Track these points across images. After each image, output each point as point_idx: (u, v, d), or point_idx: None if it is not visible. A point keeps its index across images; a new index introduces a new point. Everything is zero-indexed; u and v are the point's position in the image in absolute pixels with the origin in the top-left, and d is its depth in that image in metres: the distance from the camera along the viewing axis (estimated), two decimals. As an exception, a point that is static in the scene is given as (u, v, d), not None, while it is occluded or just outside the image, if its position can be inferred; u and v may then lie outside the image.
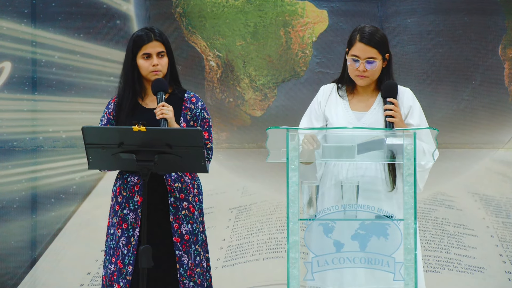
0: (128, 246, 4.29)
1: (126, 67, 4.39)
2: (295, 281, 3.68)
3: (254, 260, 6.21)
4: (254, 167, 6.24)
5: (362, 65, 4.14)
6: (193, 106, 4.39)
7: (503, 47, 6.31)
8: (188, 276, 4.28)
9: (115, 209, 4.38)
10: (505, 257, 6.21)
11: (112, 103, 4.43)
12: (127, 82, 4.37)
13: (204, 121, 4.39)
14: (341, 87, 4.27)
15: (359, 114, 4.21)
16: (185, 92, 4.42)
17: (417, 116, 4.21)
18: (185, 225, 4.31)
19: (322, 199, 4.09)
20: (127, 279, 4.26)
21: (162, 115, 4.19)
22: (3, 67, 6.31)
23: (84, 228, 6.28)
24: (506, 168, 6.31)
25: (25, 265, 6.25)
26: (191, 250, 4.30)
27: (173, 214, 4.30)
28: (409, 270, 3.68)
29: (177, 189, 4.31)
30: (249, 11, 6.30)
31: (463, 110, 6.31)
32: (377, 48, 4.15)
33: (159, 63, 4.33)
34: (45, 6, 6.30)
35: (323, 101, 4.25)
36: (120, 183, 4.38)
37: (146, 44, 4.33)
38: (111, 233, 4.38)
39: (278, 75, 6.31)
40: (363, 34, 4.16)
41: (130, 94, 4.36)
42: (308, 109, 4.31)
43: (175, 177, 4.32)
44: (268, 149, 3.83)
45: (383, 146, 3.82)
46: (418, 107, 4.24)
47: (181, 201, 4.32)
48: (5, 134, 6.30)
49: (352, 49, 4.17)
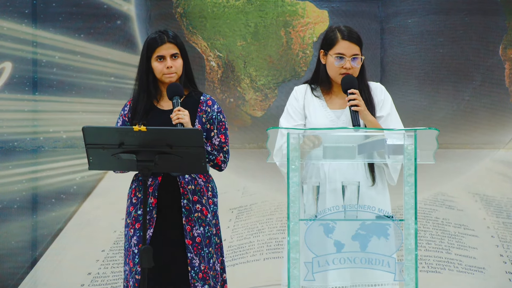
0: (139, 246, 4.28)
1: (141, 70, 4.39)
2: (295, 281, 3.68)
3: (255, 260, 6.21)
4: (254, 167, 6.24)
5: (348, 62, 4.21)
6: (209, 109, 4.39)
7: (503, 47, 6.31)
8: (201, 279, 4.28)
9: (130, 210, 4.38)
10: (505, 257, 6.21)
11: (128, 105, 4.44)
12: (142, 85, 4.38)
13: (221, 124, 4.40)
14: (315, 87, 4.33)
15: (337, 112, 4.27)
16: (201, 95, 4.43)
17: (388, 107, 4.30)
18: (197, 227, 4.30)
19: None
20: (136, 278, 4.27)
21: (178, 120, 4.19)
22: (4, 68, 6.31)
23: (84, 228, 6.28)
24: (507, 168, 6.32)
25: (25, 265, 6.25)
26: (203, 253, 4.30)
27: (186, 216, 4.30)
28: (410, 271, 3.69)
29: (190, 191, 4.31)
30: (249, 11, 6.30)
31: (463, 110, 6.31)
32: (359, 45, 4.24)
33: (173, 65, 4.34)
34: (46, 6, 6.31)
35: (300, 99, 4.30)
36: (136, 185, 4.38)
37: (160, 47, 4.34)
38: (125, 235, 4.38)
39: (278, 75, 6.32)
40: (344, 32, 4.24)
41: (145, 97, 4.37)
42: (285, 110, 4.36)
43: (188, 179, 4.32)
44: (269, 149, 3.84)
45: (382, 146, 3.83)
46: (389, 100, 4.33)
47: (194, 203, 4.32)
48: (5, 134, 6.30)
49: (334, 48, 4.23)
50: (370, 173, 4.22)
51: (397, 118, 4.31)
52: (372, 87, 4.33)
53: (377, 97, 4.31)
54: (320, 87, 4.33)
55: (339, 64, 4.21)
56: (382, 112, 4.29)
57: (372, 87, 4.33)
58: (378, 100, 4.30)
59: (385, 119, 4.26)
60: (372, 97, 4.30)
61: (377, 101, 4.30)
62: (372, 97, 4.30)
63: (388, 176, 4.25)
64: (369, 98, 4.28)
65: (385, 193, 4.27)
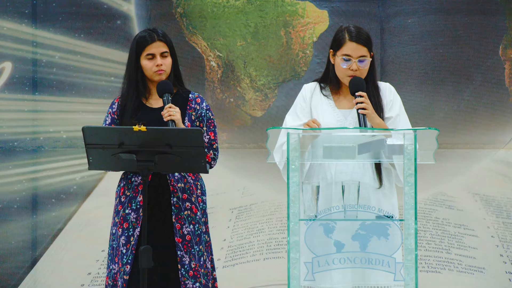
0: (127, 246, 4.29)
1: (129, 68, 4.40)
2: (295, 281, 3.68)
3: (255, 260, 6.21)
4: (254, 167, 6.24)
5: (355, 64, 4.18)
6: (198, 107, 4.40)
7: (503, 47, 6.31)
8: (191, 277, 4.28)
9: (118, 209, 4.38)
10: (505, 257, 6.21)
11: (116, 103, 4.44)
12: (131, 82, 4.39)
13: (210, 121, 4.40)
14: (324, 87, 4.30)
15: (345, 112, 4.24)
16: (190, 93, 4.43)
17: (397, 108, 4.26)
18: (187, 225, 4.31)
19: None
20: (124, 278, 4.26)
21: (170, 117, 4.20)
22: (4, 68, 6.31)
23: (84, 228, 6.28)
24: (507, 168, 6.31)
25: (25, 265, 6.25)
26: (194, 251, 4.30)
27: (176, 214, 4.30)
28: (410, 271, 3.69)
29: (180, 189, 4.32)
30: (249, 11, 6.30)
31: (463, 110, 6.31)
32: (367, 46, 4.19)
33: (163, 63, 4.34)
34: (46, 6, 6.30)
35: (308, 98, 4.28)
36: (124, 183, 4.38)
37: (150, 45, 4.35)
38: (113, 233, 4.38)
39: (278, 75, 6.32)
40: (352, 34, 4.20)
41: (134, 95, 4.38)
42: (292, 107, 4.33)
43: (178, 177, 4.32)
44: (269, 149, 3.84)
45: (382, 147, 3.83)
46: (398, 101, 4.29)
47: (184, 201, 4.32)
48: (5, 134, 6.30)
49: (342, 49, 4.20)
50: (377, 174, 4.17)
51: (406, 119, 4.26)
52: (381, 87, 4.29)
53: (386, 97, 4.27)
54: (329, 86, 4.30)
55: (346, 65, 4.19)
56: (391, 113, 4.24)
57: (381, 87, 4.29)
58: (387, 101, 4.26)
59: (393, 120, 4.22)
60: (381, 97, 4.26)
61: (386, 101, 4.26)
62: (381, 97, 4.26)
63: (396, 178, 4.19)
64: (378, 99, 4.24)
65: (393, 195, 4.20)
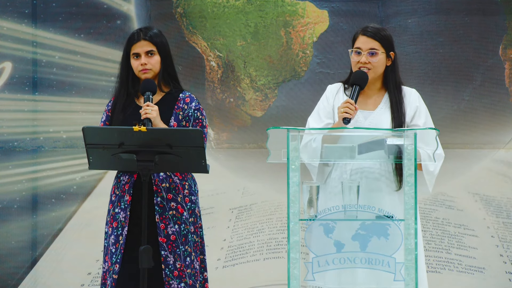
0: (116, 245, 4.30)
1: (121, 66, 4.46)
2: (295, 281, 3.68)
3: (255, 260, 6.21)
4: (254, 167, 6.24)
5: (364, 57, 4.19)
6: (186, 106, 4.40)
7: (503, 48, 6.31)
8: (176, 277, 4.27)
9: (109, 208, 4.40)
10: (505, 257, 6.21)
11: (111, 101, 4.48)
12: (122, 81, 4.44)
13: (197, 121, 4.39)
14: (348, 87, 4.29)
15: (366, 113, 4.22)
16: (181, 92, 4.44)
17: (423, 116, 4.24)
18: (172, 225, 4.30)
19: (325, 201, 4.08)
20: (113, 277, 4.27)
21: (145, 115, 4.22)
22: (4, 68, 6.31)
23: (84, 228, 6.28)
24: (507, 168, 6.31)
25: (25, 265, 6.25)
26: (179, 251, 4.29)
27: (160, 214, 4.30)
28: (410, 271, 3.68)
29: (165, 189, 4.32)
30: (249, 11, 6.30)
31: (463, 110, 6.31)
32: (379, 41, 4.20)
33: (148, 62, 4.37)
34: (46, 6, 6.31)
35: (331, 98, 4.27)
36: (115, 182, 4.41)
37: (135, 44, 4.40)
38: (106, 232, 4.40)
39: (278, 75, 6.31)
40: (366, 28, 4.23)
41: (125, 93, 4.41)
42: (315, 108, 4.32)
43: (163, 177, 4.32)
44: (269, 149, 3.84)
45: (384, 147, 3.82)
46: (424, 108, 4.27)
47: (169, 201, 4.32)
48: (5, 134, 6.30)
49: (354, 44, 4.23)
50: (398, 176, 4.11)
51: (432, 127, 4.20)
52: (406, 92, 4.26)
53: (410, 104, 4.23)
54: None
55: (357, 58, 4.21)
56: (418, 121, 4.21)
57: (406, 92, 4.26)
58: (411, 107, 4.22)
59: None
60: (403, 101, 4.22)
61: (411, 108, 4.22)
62: (403, 100, 4.22)
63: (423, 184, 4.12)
64: (399, 101, 4.21)
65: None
